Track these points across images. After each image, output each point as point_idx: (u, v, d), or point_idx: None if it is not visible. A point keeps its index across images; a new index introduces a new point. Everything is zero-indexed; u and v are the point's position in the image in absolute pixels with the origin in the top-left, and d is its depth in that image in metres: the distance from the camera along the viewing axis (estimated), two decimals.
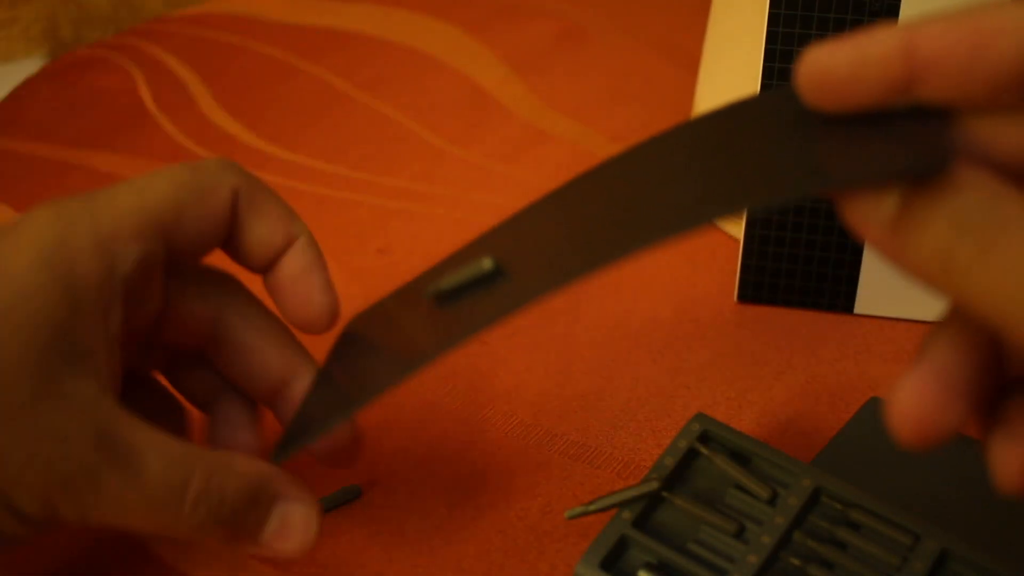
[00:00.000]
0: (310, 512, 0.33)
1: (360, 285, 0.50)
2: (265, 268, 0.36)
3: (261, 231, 0.35)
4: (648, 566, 0.34)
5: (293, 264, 0.35)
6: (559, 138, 0.62)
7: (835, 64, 0.25)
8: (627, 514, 0.35)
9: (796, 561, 0.34)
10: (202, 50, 0.74)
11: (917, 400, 0.24)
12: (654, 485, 0.35)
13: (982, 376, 0.24)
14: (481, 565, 0.37)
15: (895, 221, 0.23)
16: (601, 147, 0.60)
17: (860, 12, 0.41)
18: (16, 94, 0.71)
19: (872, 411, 0.40)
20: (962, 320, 0.24)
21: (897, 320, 0.47)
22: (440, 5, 0.76)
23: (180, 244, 0.33)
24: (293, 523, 0.32)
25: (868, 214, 0.24)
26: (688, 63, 0.64)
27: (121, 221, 0.31)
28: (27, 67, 0.93)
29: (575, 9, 0.75)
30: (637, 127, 0.62)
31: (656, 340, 0.46)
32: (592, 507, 0.36)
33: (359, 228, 0.54)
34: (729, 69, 0.48)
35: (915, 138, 0.25)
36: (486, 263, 0.31)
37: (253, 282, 0.37)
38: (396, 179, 0.57)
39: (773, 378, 0.44)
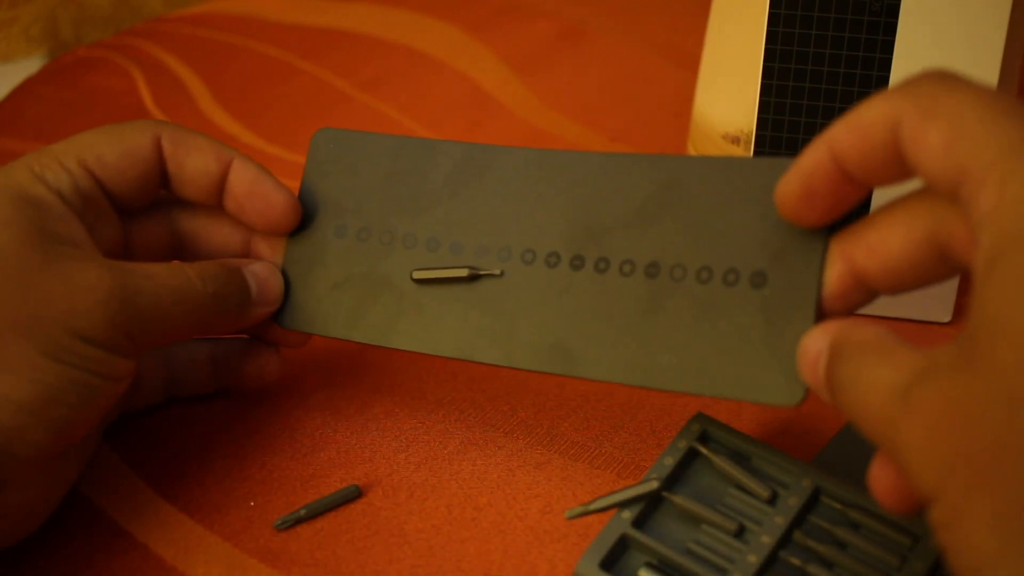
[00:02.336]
0: (267, 265, 0.40)
1: None
2: (215, 196, 0.40)
3: (195, 162, 0.39)
4: (648, 566, 0.34)
5: (239, 179, 0.40)
6: (559, 138, 0.62)
7: (791, 186, 0.31)
8: (627, 514, 0.35)
9: (796, 561, 0.34)
10: (202, 50, 0.74)
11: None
12: (654, 485, 0.35)
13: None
14: (481, 565, 0.37)
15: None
16: (601, 147, 0.60)
17: (860, 12, 0.41)
18: (16, 94, 0.71)
19: None
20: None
21: (897, 320, 0.47)
22: (440, 5, 0.76)
23: (111, 174, 0.39)
24: (262, 275, 0.40)
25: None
26: (688, 63, 0.64)
27: (49, 160, 0.38)
28: (27, 67, 0.93)
29: (575, 9, 0.75)
30: (637, 127, 0.62)
31: None
32: (592, 507, 0.36)
33: None
34: (729, 69, 0.48)
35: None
36: (463, 271, 0.38)
37: None
38: None
39: None
